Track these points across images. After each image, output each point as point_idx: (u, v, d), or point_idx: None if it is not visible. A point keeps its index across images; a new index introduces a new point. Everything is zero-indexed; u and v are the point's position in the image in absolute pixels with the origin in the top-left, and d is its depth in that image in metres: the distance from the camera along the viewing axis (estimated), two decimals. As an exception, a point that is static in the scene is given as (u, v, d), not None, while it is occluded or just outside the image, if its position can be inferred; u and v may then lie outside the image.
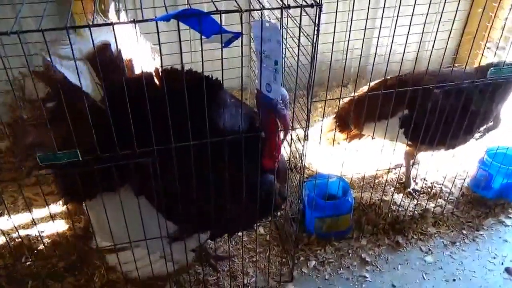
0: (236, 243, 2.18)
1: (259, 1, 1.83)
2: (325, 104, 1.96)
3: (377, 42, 1.65)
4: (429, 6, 1.61)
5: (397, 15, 1.59)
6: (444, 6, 1.63)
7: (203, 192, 1.44)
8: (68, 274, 2.01)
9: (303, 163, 1.66)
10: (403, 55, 1.68)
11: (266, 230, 2.23)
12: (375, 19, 2.99)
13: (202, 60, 1.23)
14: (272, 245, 2.15)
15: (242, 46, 1.22)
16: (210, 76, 1.45)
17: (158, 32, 1.15)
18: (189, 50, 2.57)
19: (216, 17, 1.14)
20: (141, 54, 1.68)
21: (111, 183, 1.39)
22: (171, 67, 1.47)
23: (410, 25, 1.60)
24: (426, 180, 2.53)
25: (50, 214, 2.20)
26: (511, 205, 2.40)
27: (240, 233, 2.14)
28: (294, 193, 2.02)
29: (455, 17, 1.66)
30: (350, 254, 2.12)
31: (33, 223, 2.14)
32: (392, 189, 2.46)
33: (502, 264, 2.10)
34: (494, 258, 2.13)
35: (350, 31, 1.59)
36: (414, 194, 2.44)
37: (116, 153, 1.27)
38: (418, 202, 2.37)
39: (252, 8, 2.07)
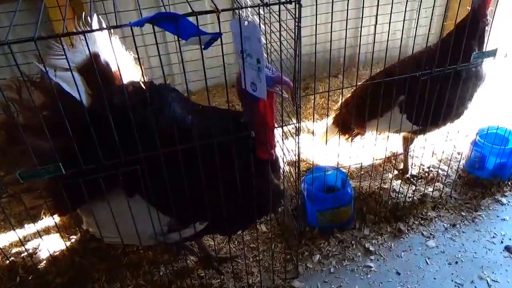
0: (239, 243, 2.14)
1: (237, 1, 1.79)
2: (314, 97, 1.95)
3: (360, 33, 1.63)
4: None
5: (377, 4, 1.58)
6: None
7: (196, 190, 1.46)
8: (66, 289, 1.94)
9: (298, 156, 1.64)
10: (387, 44, 1.67)
11: (268, 228, 2.20)
12: (359, 9, 3.00)
13: (183, 62, 1.22)
14: (275, 243, 2.12)
15: (222, 46, 1.21)
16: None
17: (133, 37, 1.16)
18: (177, 50, 2.51)
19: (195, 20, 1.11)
20: (126, 63, 1.69)
21: (100, 190, 1.39)
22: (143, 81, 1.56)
23: (391, 13, 1.59)
24: (423, 165, 2.54)
25: (38, 231, 2.13)
26: (506, 184, 2.43)
27: (241, 232, 2.10)
28: (293, 187, 2.00)
29: (434, 2, 1.67)
30: (354, 245, 2.12)
31: (20, 242, 2.05)
32: (391, 176, 2.47)
33: (502, 242, 2.12)
34: (494, 237, 2.15)
35: (332, 22, 1.57)
36: (412, 179, 2.45)
37: (102, 163, 1.28)
38: (417, 187, 2.38)
39: (234, 6, 2.04)
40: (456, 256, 2.06)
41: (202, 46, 1.19)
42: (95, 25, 1.66)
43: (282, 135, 1.76)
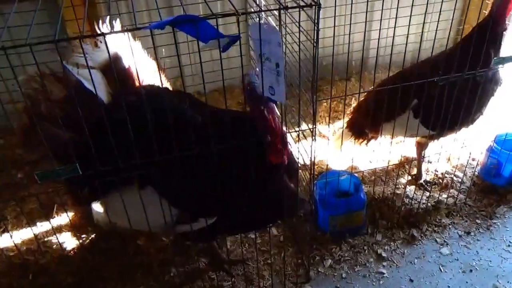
0: (250, 245, 2.13)
1: (256, 2, 1.79)
2: (330, 102, 1.93)
3: (379, 35, 1.62)
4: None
5: (397, 6, 1.57)
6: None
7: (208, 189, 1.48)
8: (78, 289, 1.95)
9: (313, 161, 1.63)
10: (406, 46, 1.65)
11: (280, 231, 2.19)
12: (374, 12, 2.97)
13: (201, 62, 1.22)
14: (286, 246, 2.11)
15: (240, 47, 1.20)
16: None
17: (152, 37, 1.15)
18: (188, 52, 2.51)
19: (212, 22, 1.11)
20: (146, 66, 1.71)
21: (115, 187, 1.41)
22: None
23: (411, 16, 1.57)
24: (437, 171, 2.51)
25: (53, 227, 2.14)
26: (522, 192, 2.39)
27: (253, 236, 2.09)
28: (306, 192, 1.98)
29: (455, 6, 1.65)
30: (366, 251, 2.09)
31: (35, 240, 2.07)
32: (404, 181, 2.44)
33: (517, 251, 2.09)
34: (509, 246, 2.11)
35: (351, 24, 1.57)
36: (426, 185, 2.41)
37: (118, 164, 1.28)
38: (431, 194, 2.35)
39: (249, 9, 2.05)
40: (470, 264, 2.02)
41: (221, 49, 1.19)
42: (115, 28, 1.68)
43: (298, 139, 1.74)
